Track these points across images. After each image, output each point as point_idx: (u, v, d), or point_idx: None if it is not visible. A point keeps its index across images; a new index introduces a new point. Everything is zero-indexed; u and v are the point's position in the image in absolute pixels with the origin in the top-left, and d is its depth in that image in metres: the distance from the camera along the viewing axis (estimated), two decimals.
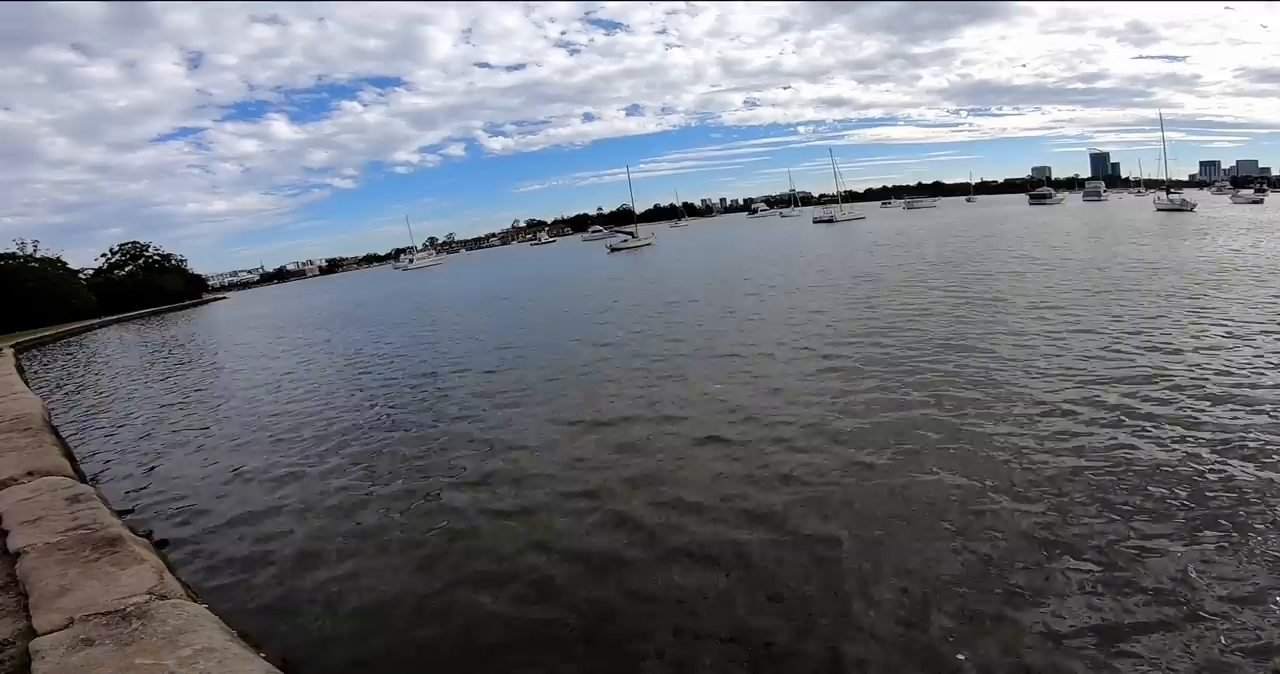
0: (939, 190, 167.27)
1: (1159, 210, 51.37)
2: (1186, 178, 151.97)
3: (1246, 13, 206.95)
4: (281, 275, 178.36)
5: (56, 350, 33.98)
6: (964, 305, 13.99)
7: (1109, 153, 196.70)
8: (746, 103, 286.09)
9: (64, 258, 67.00)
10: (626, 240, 64.76)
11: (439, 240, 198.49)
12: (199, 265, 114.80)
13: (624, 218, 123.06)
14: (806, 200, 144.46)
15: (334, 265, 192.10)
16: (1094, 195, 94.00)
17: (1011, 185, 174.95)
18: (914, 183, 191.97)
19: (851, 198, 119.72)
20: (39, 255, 61.98)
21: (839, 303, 16.11)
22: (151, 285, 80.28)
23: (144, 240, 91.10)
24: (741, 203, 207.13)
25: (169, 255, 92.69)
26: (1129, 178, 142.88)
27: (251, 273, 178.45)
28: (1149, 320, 11.01)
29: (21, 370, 21.18)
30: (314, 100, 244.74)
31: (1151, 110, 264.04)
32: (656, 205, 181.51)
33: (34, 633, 3.09)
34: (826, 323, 13.34)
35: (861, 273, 22.42)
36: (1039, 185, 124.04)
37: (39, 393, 14.80)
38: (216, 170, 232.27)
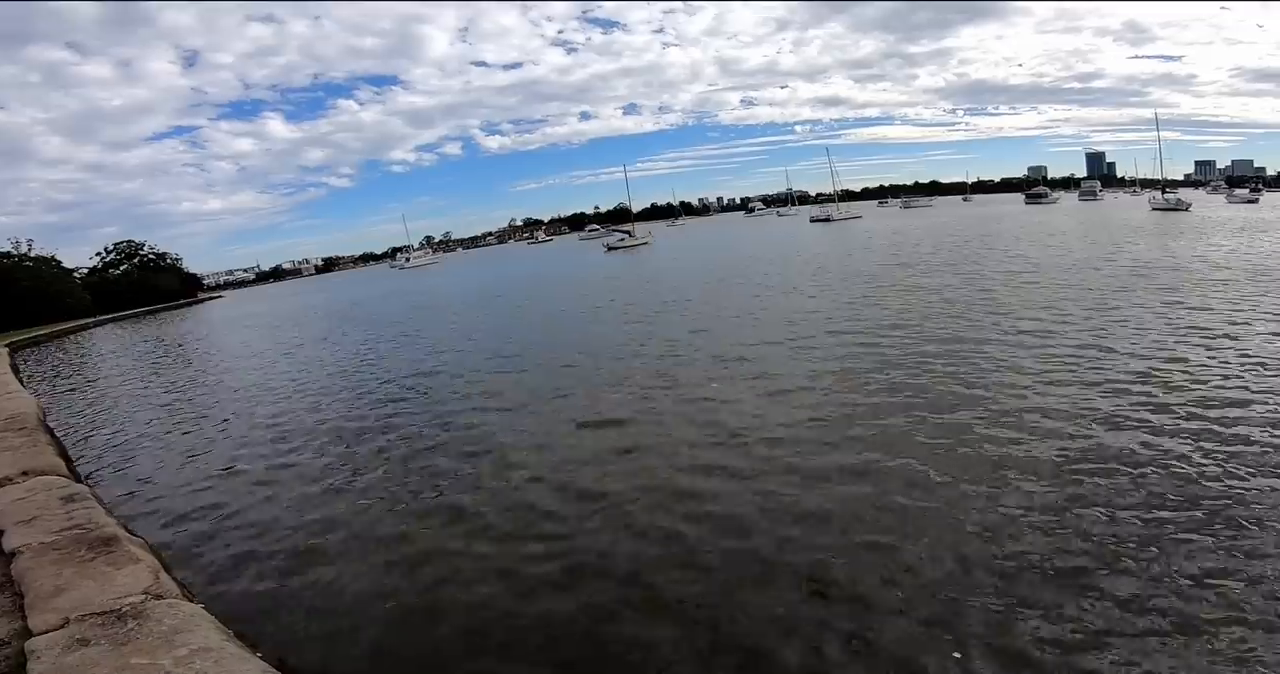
0: (935, 190, 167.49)
1: (1154, 210, 51.62)
2: (1182, 177, 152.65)
3: (1243, 12, 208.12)
4: (277, 274, 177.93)
5: (51, 350, 33.85)
6: (960, 305, 14.02)
7: (1105, 152, 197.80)
8: (743, 102, 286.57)
9: (58, 257, 67.01)
10: (623, 239, 64.68)
11: (435, 239, 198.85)
12: (194, 264, 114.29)
13: (621, 217, 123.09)
14: (803, 199, 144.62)
15: (330, 264, 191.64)
16: (1090, 195, 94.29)
17: (1008, 185, 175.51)
18: (911, 182, 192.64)
19: (848, 197, 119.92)
20: (33, 254, 61.86)
21: (836, 302, 16.13)
22: (146, 284, 79.99)
23: (139, 239, 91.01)
24: (739, 202, 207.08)
25: (164, 254, 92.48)
26: (1125, 177, 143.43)
27: (247, 272, 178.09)
28: (1144, 320, 11.05)
29: (16, 369, 21.10)
30: (310, 99, 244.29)
31: (1147, 110, 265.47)
32: (653, 204, 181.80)
33: (29, 633, 3.08)
34: (823, 322, 13.36)
35: (858, 272, 22.46)
36: (1035, 185, 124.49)
37: (34, 392, 14.76)
38: (212, 169, 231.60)
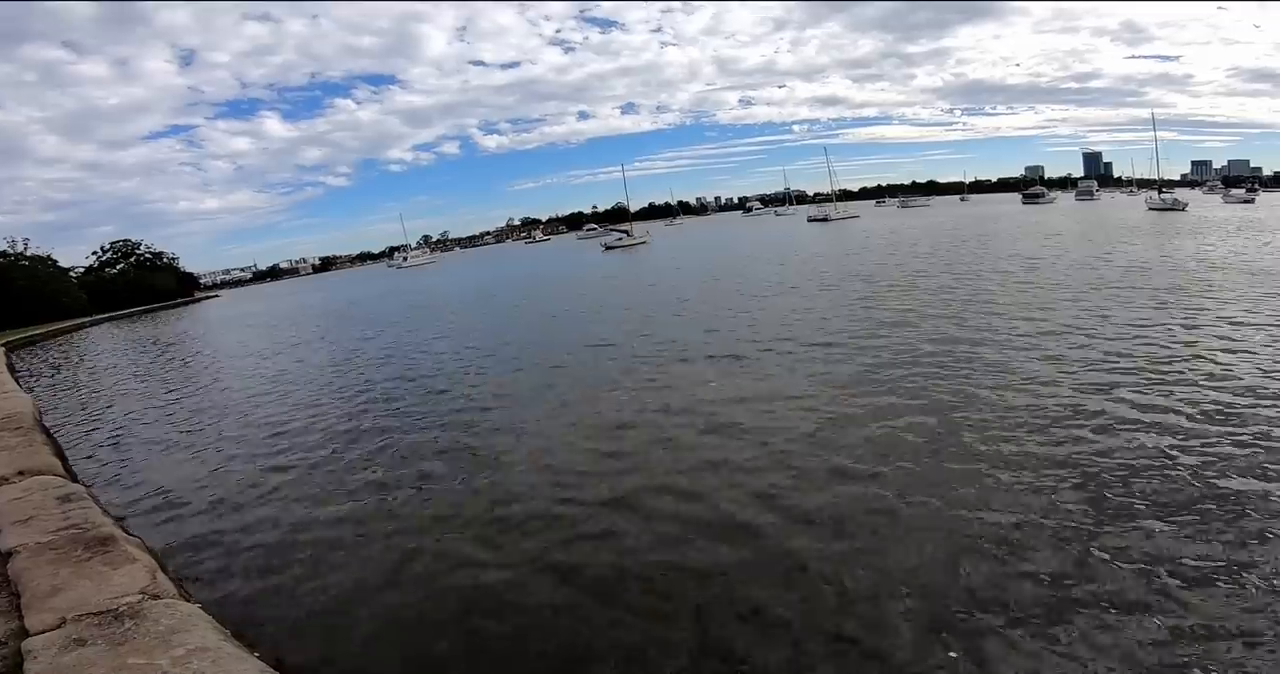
0: (933, 189, 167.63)
1: (1151, 210, 51.69)
2: (1178, 177, 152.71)
3: (1240, 13, 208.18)
4: (274, 273, 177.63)
5: (47, 349, 33.76)
6: (957, 305, 14.04)
7: (1102, 152, 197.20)
8: (741, 101, 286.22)
9: (54, 256, 67.07)
10: (621, 239, 64.65)
11: (433, 238, 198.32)
12: (191, 263, 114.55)
13: (619, 216, 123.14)
14: (801, 199, 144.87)
15: (327, 263, 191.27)
16: (1087, 194, 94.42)
17: (1005, 184, 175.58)
18: (908, 182, 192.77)
19: (846, 196, 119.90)
20: (29, 253, 61.80)
21: (833, 302, 16.14)
22: (143, 283, 79.85)
23: (135, 238, 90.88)
24: (736, 201, 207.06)
25: (160, 253, 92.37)
26: (1121, 177, 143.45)
27: (244, 271, 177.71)
28: (1139, 319, 11.08)
29: (12, 369, 21.05)
30: (307, 98, 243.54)
31: (1144, 110, 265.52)
32: (651, 204, 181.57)
33: (26, 633, 3.08)
34: (821, 322, 13.37)
35: (856, 272, 22.48)
36: (1032, 184, 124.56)
37: (30, 392, 14.72)
38: (209, 168, 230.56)
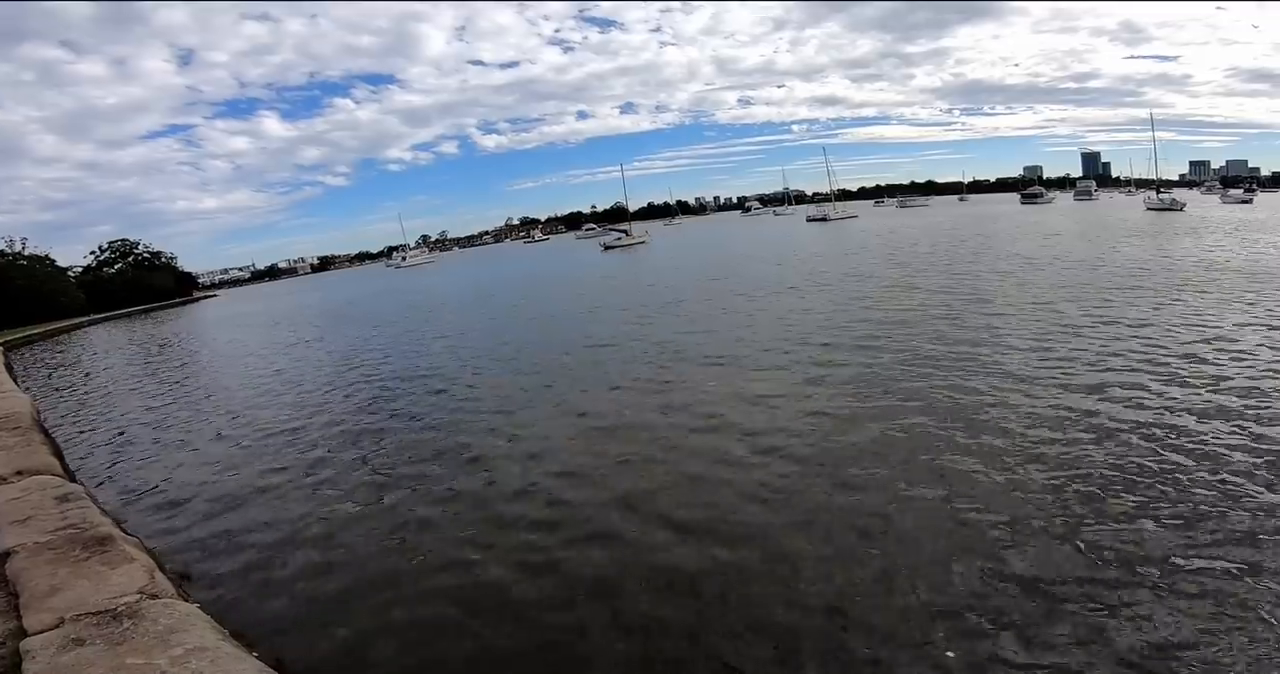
0: (932, 189, 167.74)
1: (1149, 210, 51.76)
2: (1177, 177, 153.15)
3: (1238, 13, 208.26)
4: (273, 273, 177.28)
5: (45, 349, 33.71)
6: (956, 305, 14.05)
7: (1100, 152, 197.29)
8: (740, 101, 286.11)
9: (52, 255, 66.99)
10: (620, 238, 64.65)
11: (432, 238, 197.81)
12: (189, 263, 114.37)
13: (618, 216, 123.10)
14: (800, 199, 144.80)
15: (326, 263, 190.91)
16: (1085, 195, 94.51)
17: (1003, 184, 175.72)
18: (907, 182, 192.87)
19: (845, 196, 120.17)
20: (27, 253, 61.69)
21: (832, 302, 16.16)
22: (141, 283, 79.74)
23: (133, 238, 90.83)
24: (735, 201, 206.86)
25: (159, 253, 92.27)
26: (1120, 177, 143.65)
27: (242, 270, 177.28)
28: (1138, 319, 11.11)
29: (10, 368, 21.00)
30: (306, 97, 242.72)
31: (1143, 110, 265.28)
32: (650, 203, 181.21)
33: (24, 633, 3.07)
34: (819, 323, 13.38)
35: (854, 272, 22.50)
36: (1030, 184, 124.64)
37: (27, 391, 14.68)
38: (207, 168, 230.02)
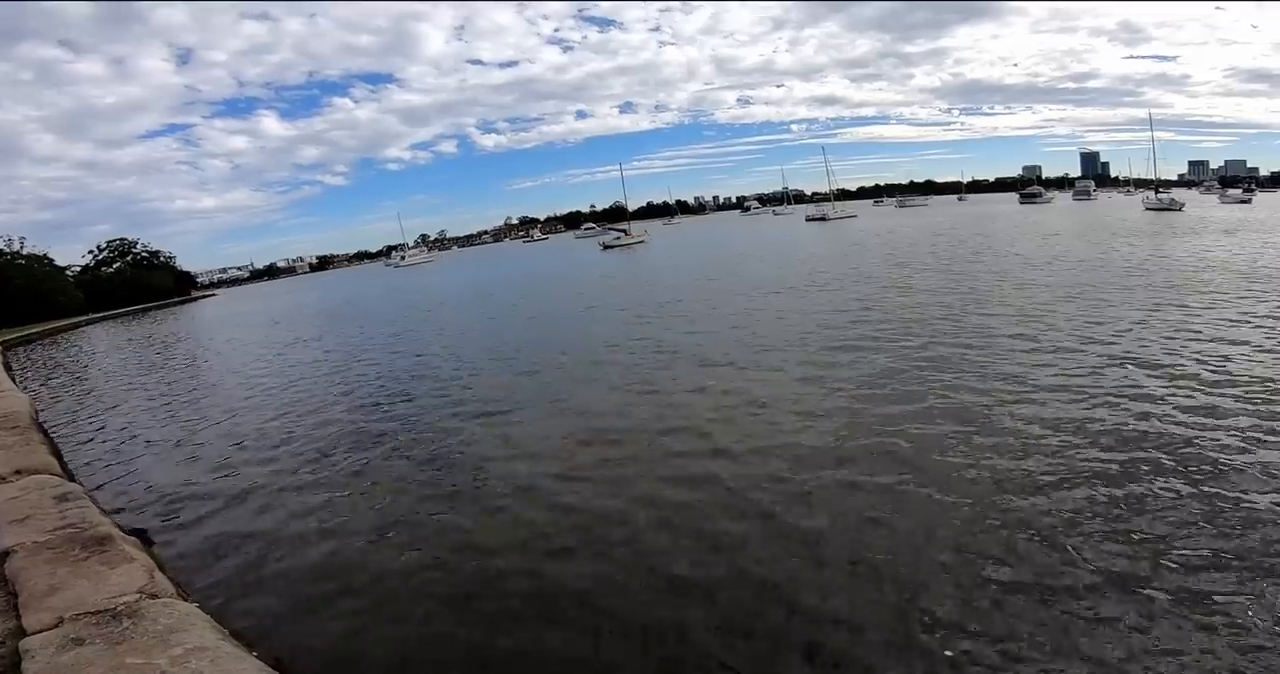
0: (931, 189, 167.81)
1: (1148, 209, 51.80)
2: (1175, 177, 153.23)
3: (1237, 13, 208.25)
4: (272, 272, 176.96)
5: (44, 348, 33.67)
6: (956, 306, 14.06)
7: (1099, 152, 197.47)
8: (740, 101, 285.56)
9: (51, 255, 66.90)
10: (619, 238, 64.60)
11: (431, 237, 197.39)
12: (188, 262, 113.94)
13: (617, 215, 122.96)
14: (799, 198, 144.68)
15: (325, 262, 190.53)
16: (1084, 194, 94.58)
17: (1002, 184, 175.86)
18: (906, 181, 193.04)
19: (844, 196, 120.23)
20: (26, 252, 61.61)
21: (831, 302, 16.16)
22: (140, 282, 79.64)
23: (132, 237, 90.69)
24: (734, 201, 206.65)
25: (157, 252, 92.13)
26: (1119, 177, 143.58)
27: (241, 270, 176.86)
28: (1136, 318, 11.12)
29: (9, 368, 20.99)
30: (305, 97, 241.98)
31: (1141, 110, 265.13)
32: (649, 203, 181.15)
33: (23, 632, 3.07)
34: (817, 323, 13.35)
35: (853, 272, 22.50)
36: (1029, 184, 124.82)
37: (26, 391, 14.67)
38: (205, 167, 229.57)
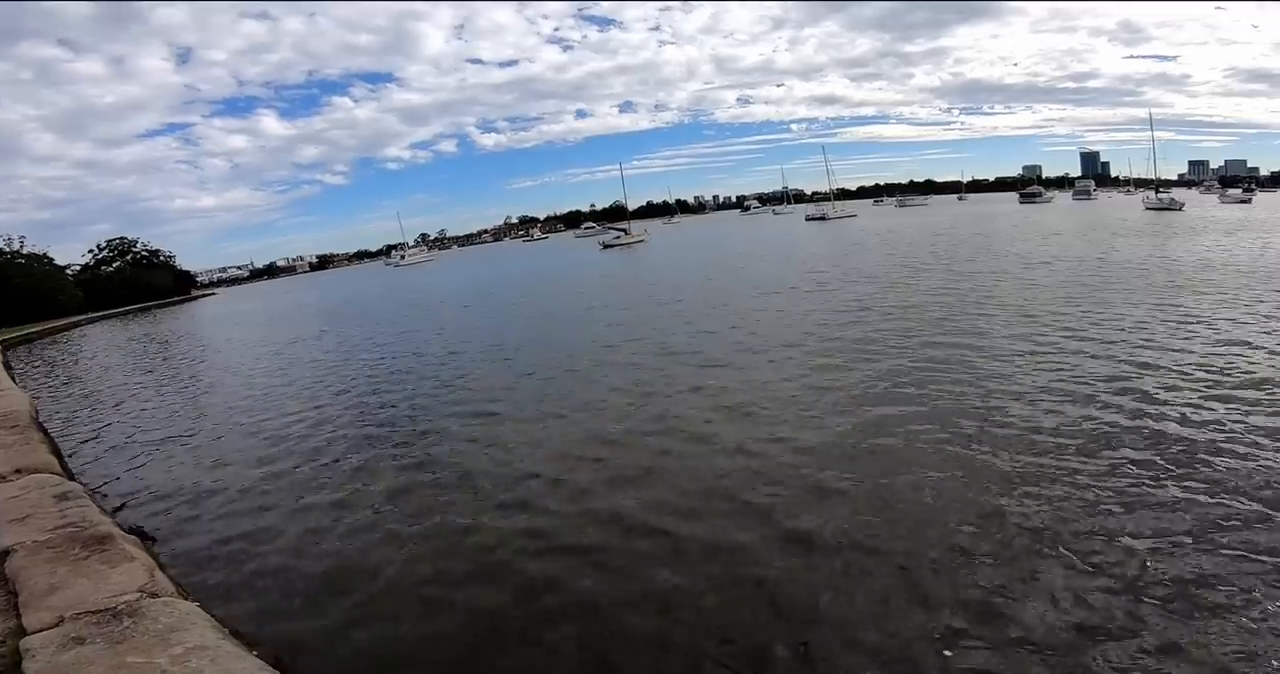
0: (931, 188, 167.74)
1: (1148, 209, 51.77)
2: (1175, 177, 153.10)
3: (1237, 13, 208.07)
4: (271, 271, 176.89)
5: (44, 347, 33.67)
6: (955, 306, 14.04)
7: (1099, 152, 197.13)
8: (739, 100, 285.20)
9: (51, 254, 66.83)
10: (619, 237, 64.52)
11: (430, 236, 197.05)
12: (187, 261, 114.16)
13: (617, 214, 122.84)
14: (799, 198, 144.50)
15: (325, 261, 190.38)
16: (1084, 194, 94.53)
17: (1002, 184, 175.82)
18: (906, 181, 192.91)
19: (844, 195, 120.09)
20: (25, 251, 61.57)
21: (830, 303, 16.14)
22: (139, 281, 79.65)
23: (132, 236, 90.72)
24: (734, 200, 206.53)
25: (157, 251, 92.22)
26: (1119, 177, 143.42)
27: (241, 269, 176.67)
28: (1137, 318, 11.12)
29: (9, 367, 20.99)
30: (304, 96, 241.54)
31: (1141, 110, 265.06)
32: (649, 202, 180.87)
33: (24, 631, 3.08)
34: (817, 324, 13.33)
35: (853, 272, 22.50)
36: (1029, 184, 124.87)
37: (26, 390, 14.67)
38: (205, 166, 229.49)
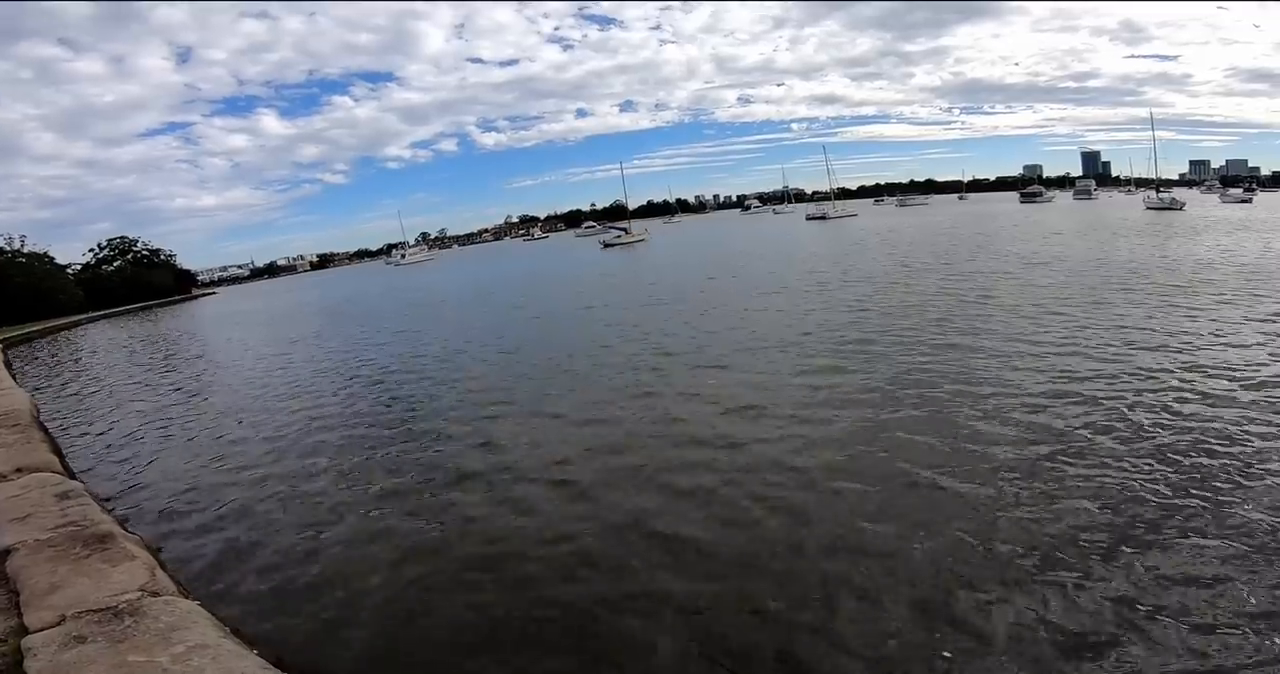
0: (931, 188, 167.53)
1: (1149, 209, 51.70)
2: (1176, 177, 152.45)
3: (1239, 12, 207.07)
4: (272, 270, 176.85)
5: (44, 346, 33.70)
6: (956, 306, 14.03)
7: (1100, 151, 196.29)
8: (740, 99, 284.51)
9: (51, 253, 66.82)
10: (620, 236, 64.56)
11: (431, 236, 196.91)
12: (188, 260, 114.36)
13: (617, 213, 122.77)
14: (800, 197, 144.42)
15: (325, 260, 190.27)
16: (1084, 194, 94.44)
17: (1003, 183, 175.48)
18: (907, 180, 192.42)
19: (845, 195, 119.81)
20: (26, 251, 61.59)
21: (830, 302, 16.14)
22: (140, 280, 79.67)
23: (132, 235, 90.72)
24: (735, 199, 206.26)
25: (158, 250, 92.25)
26: (1120, 176, 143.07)
27: (241, 268, 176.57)
28: (1138, 318, 11.12)
29: (9, 366, 21.00)
30: (304, 95, 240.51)
31: (1142, 109, 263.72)
32: (650, 201, 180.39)
33: (25, 630, 3.08)
34: (818, 323, 13.31)
35: (853, 272, 22.49)
36: (1030, 183, 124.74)
37: (27, 389, 14.68)
38: (205, 165, 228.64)
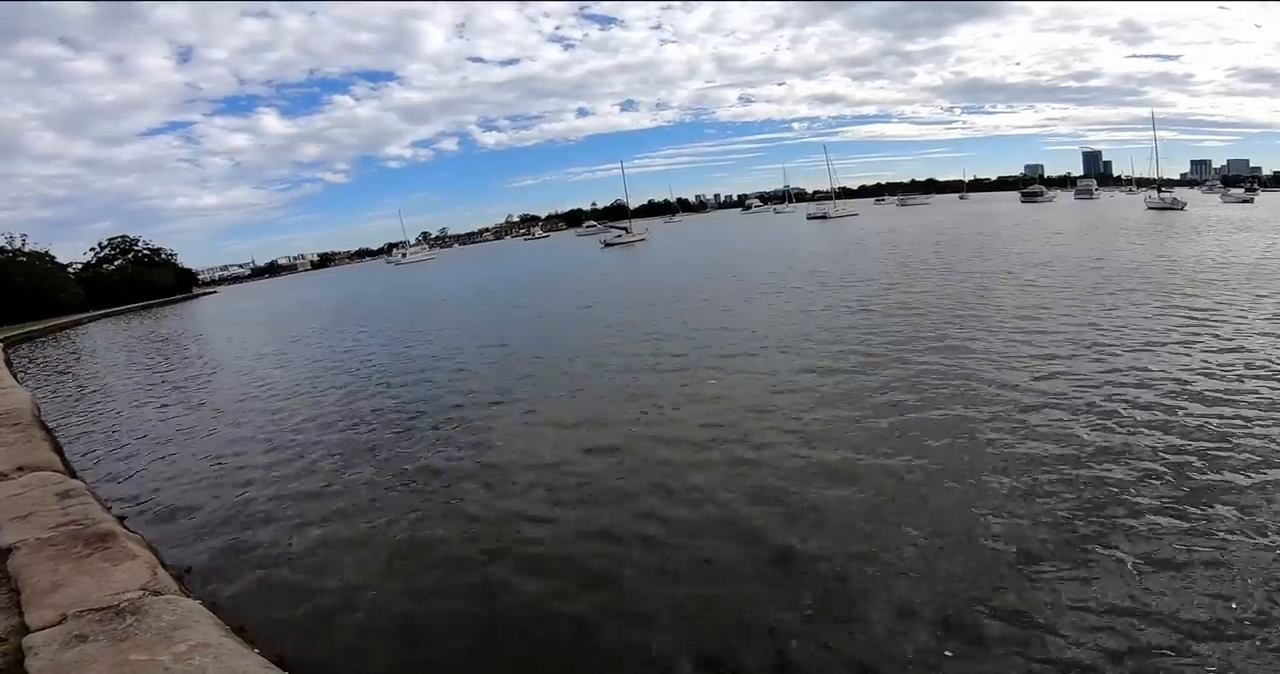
0: (932, 187, 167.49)
1: (1150, 209, 51.62)
2: (1178, 176, 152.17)
3: (1241, 12, 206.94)
4: (272, 270, 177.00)
5: (45, 345, 33.72)
6: (959, 306, 14.03)
7: (1101, 151, 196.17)
8: (741, 99, 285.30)
9: (52, 252, 66.94)
10: (620, 236, 64.54)
11: (432, 235, 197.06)
12: (189, 259, 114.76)
13: (618, 213, 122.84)
14: (800, 196, 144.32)
15: (325, 260, 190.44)
16: (1086, 193, 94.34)
17: (1004, 183, 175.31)
18: (908, 180, 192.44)
19: (845, 194, 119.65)
20: (27, 250, 61.67)
21: (831, 303, 16.11)
22: (141, 279, 79.76)
23: (133, 234, 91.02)
24: (736, 199, 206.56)
25: (158, 250, 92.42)
26: (1121, 176, 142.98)
27: (242, 267, 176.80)
28: (1135, 319, 11.11)
29: (10, 365, 21.01)
30: (305, 94, 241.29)
31: (1144, 109, 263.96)
32: (650, 201, 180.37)
33: (26, 629, 3.07)
34: (818, 324, 13.29)
35: (854, 272, 22.46)
36: (1031, 183, 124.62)
37: (28, 387, 14.68)
38: (206, 164, 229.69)
